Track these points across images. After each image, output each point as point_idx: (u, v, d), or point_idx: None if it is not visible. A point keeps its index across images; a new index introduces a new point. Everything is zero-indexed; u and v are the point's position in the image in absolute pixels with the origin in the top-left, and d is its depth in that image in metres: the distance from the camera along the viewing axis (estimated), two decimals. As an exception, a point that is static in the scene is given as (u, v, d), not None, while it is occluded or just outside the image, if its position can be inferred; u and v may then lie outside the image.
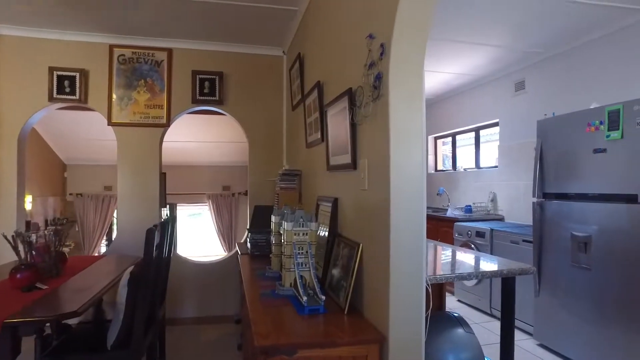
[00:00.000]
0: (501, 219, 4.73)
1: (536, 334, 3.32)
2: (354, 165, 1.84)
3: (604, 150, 2.74)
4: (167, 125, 3.78)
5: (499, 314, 3.84)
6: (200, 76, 3.88)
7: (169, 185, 7.19)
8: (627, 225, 2.57)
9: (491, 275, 1.80)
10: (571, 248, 2.95)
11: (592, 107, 2.91)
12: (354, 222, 1.90)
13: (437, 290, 2.35)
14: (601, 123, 2.75)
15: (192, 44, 3.86)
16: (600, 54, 3.56)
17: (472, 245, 4.20)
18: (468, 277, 1.73)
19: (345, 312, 1.71)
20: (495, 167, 4.96)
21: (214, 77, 3.92)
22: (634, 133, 2.55)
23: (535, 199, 3.29)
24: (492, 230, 3.98)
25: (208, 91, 3.92)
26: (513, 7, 3.06)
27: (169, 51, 3.77)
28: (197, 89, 3.88)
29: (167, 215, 7.14)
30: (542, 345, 3.27)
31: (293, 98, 3.57)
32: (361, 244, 1.74)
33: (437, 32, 3.60)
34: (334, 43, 2.27)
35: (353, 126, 1.84)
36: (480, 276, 1.76)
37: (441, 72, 4.88)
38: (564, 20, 3.34)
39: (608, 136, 2.70)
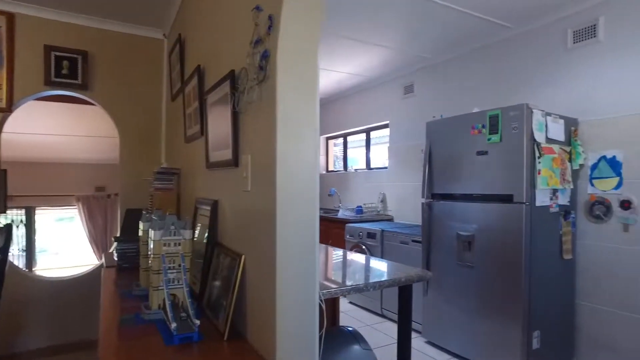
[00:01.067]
0: (391, 219, 4.83)
1: (424, 332, 3.37)
2: (235, 162, 1.56)
3: (485, 153, 2.85)
4: (8, 110, 3.04)
5: (390, 315, 3.85)
6: (57, 53, 3.21)
7: (25, 186, 6.06)
8: (504, 224, 2.70)
9: (390, 284, 1.66)
10: (457, 247, 3.03)
11: (474, 111, 3.02)
12: (236, 229, 1.61)
13: (331, 304, 2.17)
14: (483, 127, 2.86)
15: (47, 12, 3.17)
16: (480, 63, 3.78)
17: (364, 246, 4.18)
18: (366, 288, 1.56)
19: (226, 338, 1.41)
20: (385, 168, 5.06)
21: (76, 56, 3.28)
22: (510, 137, 2.68)
23: (424, 200, 3.34)
24: (382, 231, 3.99)
25: (67, 72, 3.26)
26: (404, 9, 3.06)
27: (9, 16, 3.03)
28: (53, 69, 3.20)
29: (11, 220, 6.01)
30: (430, 343, 3.33)
31: (173, 87, 3.13)
32: (243, 256, 1.47)
33: (333, 28, 3.48)
34: (218, 21, 1.95)
35: (235, 115, 1.55)
36: (378, 286, 1.61)
37: (334, 71, 4.81)
38: (449, 29, 3.46)
39: (489, 139, 2.82)
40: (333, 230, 4.88)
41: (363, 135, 5.73)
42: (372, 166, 5.52)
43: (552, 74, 3.19)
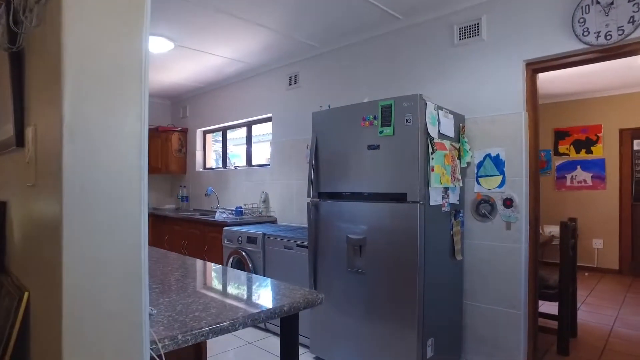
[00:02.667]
0: (274, 221, 4.40)
1: (312, 346, 3.01)
2: (19, 138, 0.95)
3: (377, 147, 2.58)
4: None
5: (274, 328, 3.42)
6: None
7: None
8: (397, 225, 2.46)
9: (269, 316, 1.20)
10: (347, 252, 2.72)
11: (365, 101, 2.75)
12: (23, 249, 1.00)
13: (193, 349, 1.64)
14: (375, 118, 2.59)
15: None
16: (370, 54, 3.57)
17: (244, 253, 3.67)
18: (233, 327, 1.08)
19: None
20: (268, 165, 4.62)
21: None
22: (404, 130, 2.45)
23: (310, 199, 2.97)
24: (264, 235, 3.53)
25: None
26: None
27: None
28: None
29: None
30: (318, 359, 2.97)
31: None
32: (27, 293, 0.88)
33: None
34: None
35: (16, 57, 0.94)
36: (251, 321, 1.14)
37: (211, 54, 4.21)
38: (337, 13, 3.17)
39: (381, 132, 2.55)
40: (209, 235, 4.28)
41: (245, 130, 5.21)
42: (254, 163, 5.03)
43: (441, 69, 3.09)
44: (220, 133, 5.71)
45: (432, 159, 2.46)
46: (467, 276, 2.87)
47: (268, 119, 4.72)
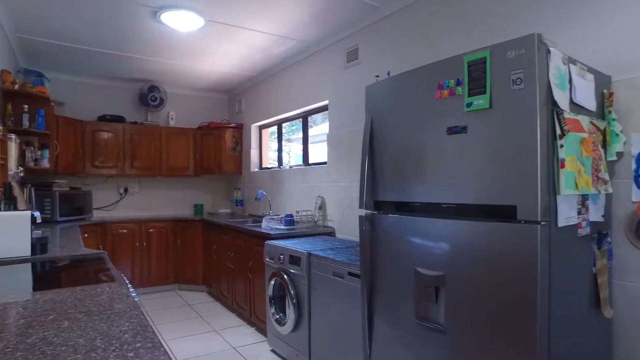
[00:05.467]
0: (331, 233, 3.56)
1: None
2: None
3: (463, 130, 1.61)
4: None
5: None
6: None
7: None
8: (498, 257, 1.46)
9: None
10: (415, 293, 1.78)
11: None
12: None
13: None
14: (458, 83, 1.62)
15: None
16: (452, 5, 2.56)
17: (285, 276, 2.88)
18: None
19: None
20: (324, 163, 3.79)
21: None
22: (508, 99, 1.44)
23: (363, 211, 2.07)
24: (309, 255, 2.70)
25: None
26: None
27: None
28: None
29: None
30: None
31: None
32: None
33: None
34: None
35: None
36: None
37: (252, 30, 3.48)
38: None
39: (469, 104, 1.58)
40: (254, 248, 3.56)
41: (300, 121, 4.43)
42: (310, 161, 4.23)
43: (570, 3, 1.99)
44: (273, 126, 5.00)
45: (561, 146, 1.43)
46: (620, 343, 1.76)
47: (324, 108, 3.89)
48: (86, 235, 4.15)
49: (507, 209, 1.44)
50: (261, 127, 5.24)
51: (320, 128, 4.97)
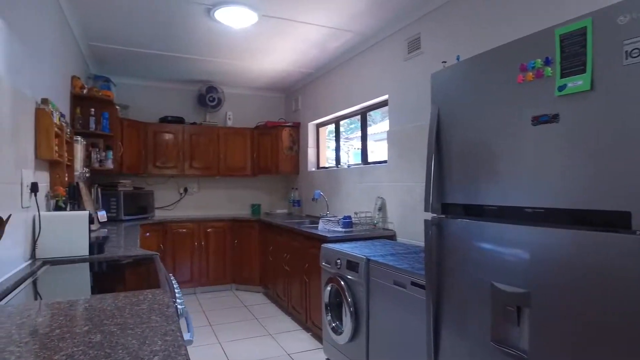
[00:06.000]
0: (391, 237, 3.32)
1: None
2: None
3: (553, 118, 1.33)
4: None
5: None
6: None
7: None
8: (604, 277, 1.17)
9: None
10: (492, 312, 1.52)
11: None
12: None
13: None
14: (547, 62, 1.34)
15: None
16: (527, -22, 2.24)
17: (342, 282, 2.70)
18: None
19: None
20: (385, 162, 3.56)
21: None
22: (622, 76, 1.15)
23: (429, 215, 1.84)
24: (368, 261, 2.50)
25: None
26: None
27: None
28: None
29: None
30: None
31: None
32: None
33: None
34: None
35: None
36: None
37: (308, 24, 3.35)
38: None
39: (562, 87, 1.30)
40: (310, 251, 3.42)
41: (359, 118, 4.23)
42: (369, 160, 4.02)
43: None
44: (331, 124, 4.84)
45: (691, 136, 1.11)
46: None
47: (384, 104, 3.66)
48: (148, 234, 4.25)
49: (616, 216, 1.15)
50: (318, 126, 5.11)
51: (379, 126, 4.75)
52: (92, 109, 3.49)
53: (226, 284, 4.90)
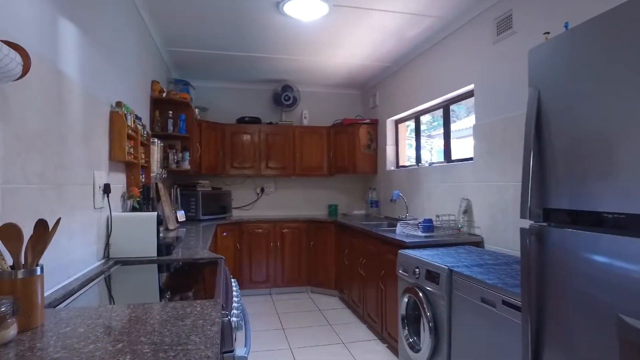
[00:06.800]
0: (478, 243, 2.95)
1: None
2: None
3: None
4: None
5: None
6: None
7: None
8: None
9: None
10: (620, 353, 1.16)
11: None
12: None
13: None
14: None
15: None
16: None
17: (421, 293, 2.41)
18: None
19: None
20: (470, 159, 3.18)
21: None
22: None
23: (527, 222, 1.51)
24: (450, 271, 2.19)
25: None
26: None
27: None
28: None
29: None
30: None
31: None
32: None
33: None
34: None
35: None
36: None
37: (382, 11, 3.10)
38: None
39: None
40: (386, 256, 3.17)
41: (441, 112, 3.87)
42: (453, 157, 3.65)
43: None
44: (410, 120, 4.51)
45: None
46: None
47: (468, 95, 3.28)
48: (224, 234, 4.31)
49: None
50: (397, 122, 4.81)
51: (463, 123, 4.32)
52: (170, 112, 3.59)
53: (301, 285, 4.82)
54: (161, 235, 2.67)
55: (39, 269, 1.15)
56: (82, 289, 1.63)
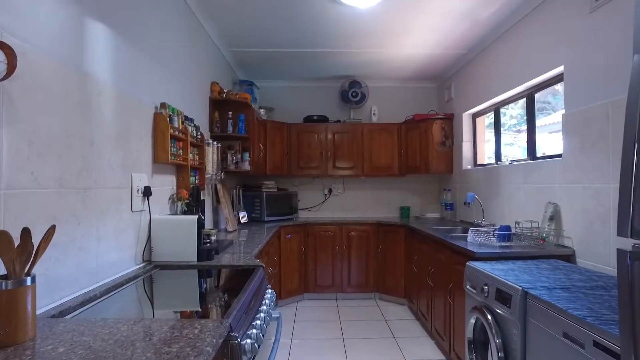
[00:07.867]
0: (568, 257, 2.46)
1: None
2: None
3: None
4: None
5: None
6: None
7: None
8: None
9: None
10: None
11: None
12: None
13: None
14: None
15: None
16: None
17: (489, 316, 2.04)
18: None
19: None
20: (559, 156, 2.68)
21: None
22: None
23: (629, 241, 1.12)
24: (525, 294, 1.80)
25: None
26: None
27: None
28: None
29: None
30: None
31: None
32: None
33: None
34: None
35: None
36: None
37: (449, -11, 2.73)
38: None
39: None
40: (455, 267, 2.80)
41: (523, 102, 3.36)
42: (538, 154, 3.13)
43: None
44: (489, 112, 4.01)
45: None
46: None
47: (556, 80, 2.77)
48: (289, 236, 4.20)
49: None
50: (475, 116, 4.32)
51: (548, 119, 3.72)
52: (230, 112, 3.56)
53: (369, 291, 4.55)
54: (213, 238, 2.61)
55: (29, 279, 1.07)
56: (105, 295, 1.57)
